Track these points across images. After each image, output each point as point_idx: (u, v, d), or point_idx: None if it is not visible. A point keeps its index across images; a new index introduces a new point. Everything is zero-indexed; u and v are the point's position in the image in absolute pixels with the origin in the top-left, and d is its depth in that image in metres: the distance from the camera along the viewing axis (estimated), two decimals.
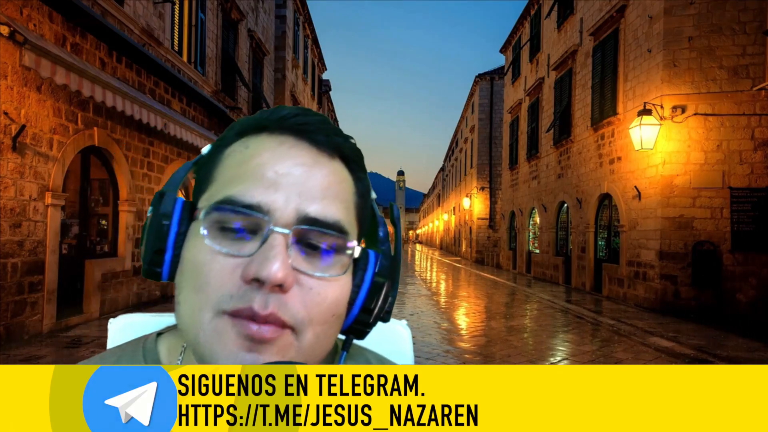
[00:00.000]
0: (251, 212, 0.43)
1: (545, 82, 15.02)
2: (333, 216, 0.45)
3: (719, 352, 5.87)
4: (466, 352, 6.07)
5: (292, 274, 0.42)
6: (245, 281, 0.42)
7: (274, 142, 0.46)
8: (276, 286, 0.41)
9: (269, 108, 0.48)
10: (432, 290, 13.41)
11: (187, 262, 0.45)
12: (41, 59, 5.02)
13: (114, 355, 0.54)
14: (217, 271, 0.42)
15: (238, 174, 0.44)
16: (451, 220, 38.27)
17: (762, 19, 8.23)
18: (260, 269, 0.41)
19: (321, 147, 0.47)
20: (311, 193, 0.44)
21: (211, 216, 0.43)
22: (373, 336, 0.72)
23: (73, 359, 4.99)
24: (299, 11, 19.66)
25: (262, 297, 0.41)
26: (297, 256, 0.44)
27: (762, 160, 8.27)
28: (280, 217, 0.43)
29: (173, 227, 0.46)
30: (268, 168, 0.44)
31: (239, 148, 0.47)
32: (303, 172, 0.44)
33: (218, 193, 0.44)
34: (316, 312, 0.44)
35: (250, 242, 0.43)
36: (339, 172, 0.47)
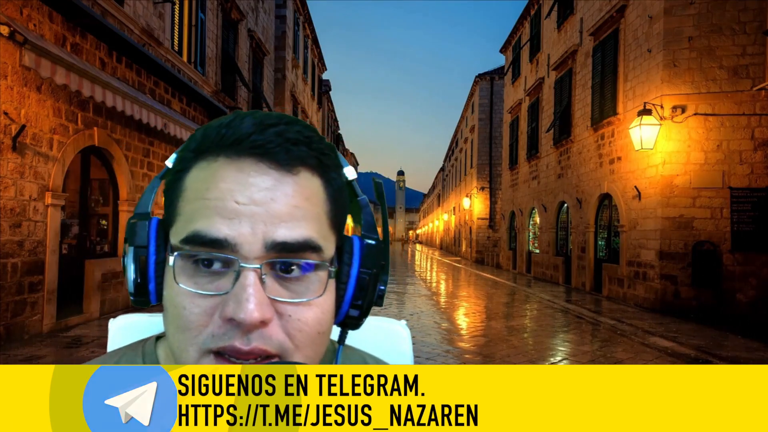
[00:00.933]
0: (219, 250, 0.42)
1: (545, 82, 15.02)
2: (302, 235, 0.43)
3: (719, 352, 5.87)
4: (466, 352, 6.07)
5: (269, 308, 0.42)
6: (224, 321, 0.42)
7: (232, 170, 0.44)
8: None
9: (256, 114, 0.46)
10: (432, 290, 13.41)
11: (167, 301, 0.45)
12: (41, 59, 5.02)
13: (113, 358, 0.54)
14: (196, 314, 0.42)
15: (200, 207, 0.43)
16: (451, 220, 38.26)
17: (762, 19, 8.22)
18: (236, 311, 0.41)
19: (282, 165, 0.44)
20: (276, 217, 0.43)
21: (181, 257, 0.43)
22: (373, 336, 0.73)
23: (73, 359, 4.99)
24: (299, 11, 19.66)
25: (243, 334, 0.42)
26: (272, 285, 0.43)
27: (762, 160, 8.27)
28: (249, 251, 0.42)
29: (151, 257, 0.45)
30: (228, 200, 0.43)
31: (200, 175, 0.45)
32: (265, 198, 0.43)
33: (184, 228, 0.44)
34: (300, 338, 0.44)
35: (224, 277, 0.43)
36: (305, 186, 0.45)
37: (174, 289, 0.43)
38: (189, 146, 0.47)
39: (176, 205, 0.46)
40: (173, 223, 0.46)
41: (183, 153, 0.47)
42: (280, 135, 0.44)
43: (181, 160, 0.47)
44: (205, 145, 0.45)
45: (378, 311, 2.48)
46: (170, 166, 0.48)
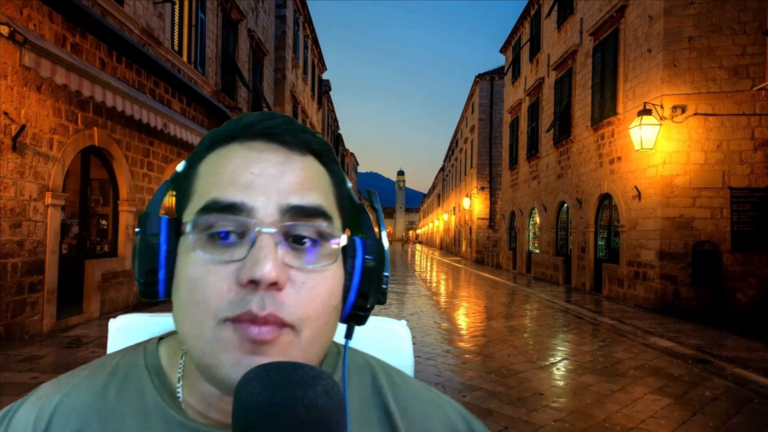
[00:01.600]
0: (235, 213, 0.44)
1: (545, 82, 15.01)
2: (314, 201, 0.46)
3: (719, 352, 5.86)
4: (466, 352, 6.06)
5: (284, 271, 0.43)
6: (241, 285, 0.42)
7: (244, 149, 0.47)
8: (271, 284, 0.42)
9: (263, 111, 0.49)
10: (432, 290, 13.40)
11: (182, 279, 0.45)
12: (41, 59, 5.02)
13: (114, 358, 0.54)
14: (213, 282, 0.43)
15: (215, 181, 0.45)
16: (451, 220, 38.25)
17: (762, 19, 8.22)
18: (253, 271, 0.41)
19: (291, 146, 0.48)
20: (289, 187, 0.45)
21: (198, 225, 0.44)
22: (373, 336, 0.73)
23: (73, 359, 4.99)
24: (299, 11, 19.66)
25: (258, 298, 0.42)
26: (286, 252, 0.44)
27: (762, 160, 8.27)
28: (264, 216, 0.44)
29: (162, 245, 0.47)
30: (243, 171, 0.45)
31: (212, 159, 0.48)
32: (277, 171, 0.46)
33: (200, 201, 0.45)
34: (311, 307, 0.45)
35: (239, 246, 0.44)
36: (312, 167, 0.49)
37: (190, 262, 0.44)
38: (200, 147, 0.50)
39: (190, 189, 0.48)
40: (187, 205, 0.47)
41: (194, 155, 0.50)
42: (289, 122, 0.48)
43: (193, 159, 0.50)
44: (216, 138, 0.49)
45: (378, 311, 2.48)
46: (180, 170, 0.50)
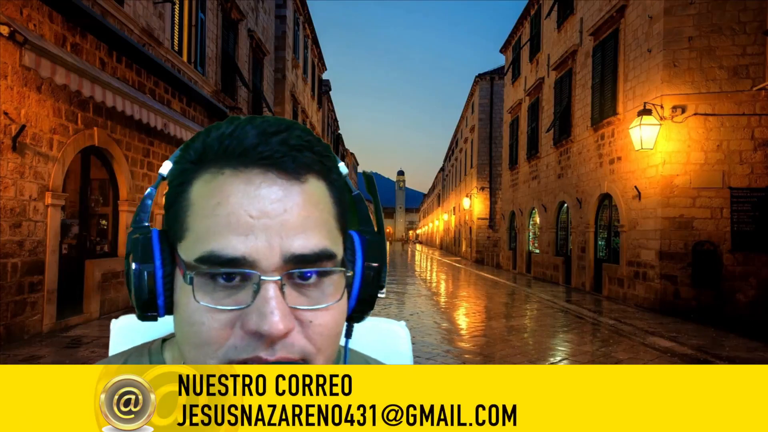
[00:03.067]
0: (237, 267, 0.42)
1: (545, 82, 15.02)
2: (317, 246, 0.44)
3: (719, 352, 5.87)
4: (466, 352, 6.07)
5: (291, 318, 0.43)
6: (247, 333, 0.42)
7: (240, 182, 0.43)
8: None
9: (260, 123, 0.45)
10: (432, 290, 13.41)
11: (183, 320, 0.44)
12: (41, 59, 5.02)
13: (119, 360, 0.55)
14: (216, 328, 0.42)
15: (213, 225, 0.43)
16: (451, 220, 38.26)
17: (762, 19, 8.23)
18: (260, 324, 0.41)
19: (290, 174, 0.44)
20: (291, 229, 0.43)
21: (197, 275, 0.43)
22: (372, 336, 0.73)
23: (73, 359, 4.99)
24: (299, 11, 19.66)
25: (267, 346, 0.42)
26: (291, 294, 0.43)
27: (762, 160, 8.27)
28: (267, 265, 0.42)
29: (158, 272, 0.45)
30: (241, 214, 0.42)
31: (206, 189, 0.44)
32: (278, 209, 0.43)
33: (197, 247, 0.43)
34: (321, 341, 0.45)
35: (243, 290, 0.43)
36: (314, 193, 0.45)
37: (191, 306, 0.43)
38: (188, 157, 0.46)
39: (184, 220, 0.45)
40: (182, 238, 0.45)
41: (183, 164, 0.47)
42: (285, 143, 0.44)
43: (182, 172, 0.46)
44: (207, 156, 0.45)
45: (378, 311, 2.49)
46: (164, 174, 0.48)
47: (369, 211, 0.54)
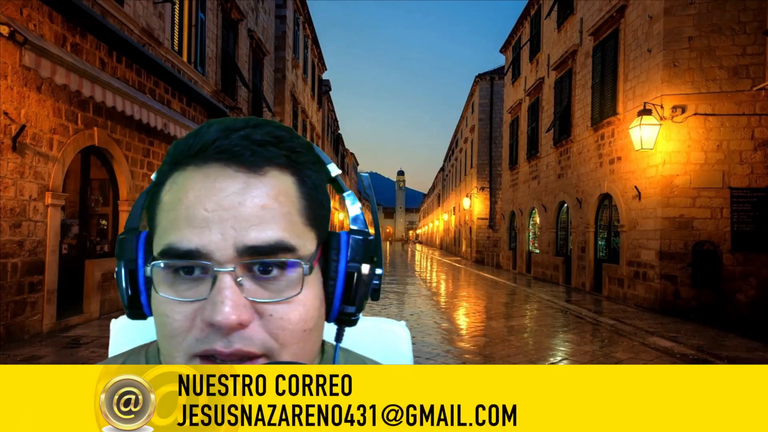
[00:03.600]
0: (192, 258, 0.43)
1: (545, 82, 15.02)
2: (272, 237, 0.44)
3: (719, 352, 5.87)
4: (466, 352, 6.07)
5: (247, 309, 0.43)
6: (205, 325, 0.43)
7: (200, 177, 0.45)
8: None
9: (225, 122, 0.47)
10: (432, 290, 13.41)
11: (154, 311, 0.46)
12: (41, 59, 5.02)
13: (117, 361, 0.55)
14: (178, 320, 0.43)
15: (173, 219, 0.44)
16: (451, 220, 38.27)
17: (762, 19, 8.22)
18: (213, 314, 0.42)
19: (249, 167, 0.45)
20: (245, 221, 0.43)
21: (159, 268, 0.44)
22: (372, 337, 0.73)
23: (73, 359, 4.99)
24: (299, 11, 19.66)
25: (223, 337, 0.42)
26: (250, 286, 0.44)
27: (762, 160, 8.27)
28: (221, 257, 0.43)
29: (140, 269, 0.47)
30: (197, 207, 0.43)
31: (172, 187, 0.46)
32: (233, 202, 0.43)
33: (160, 241, 0.45)
34: (283, 336, 0.45)
35: (203, 283, 0.44)
36: (274, 186, 0.45)
37: (156, 298, 0.45)
38: (166, 159, 0.48)
39: (155, 217, 0.47)
40: (153, 234, 0.47)
41: (162, 166, 0.49)
42: (246, 138, 0.45)
43: (160, 173, 0.48)
44: (176, 157, 0.47)
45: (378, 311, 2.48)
46: (153, 181, 0.50)
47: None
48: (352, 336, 0.64)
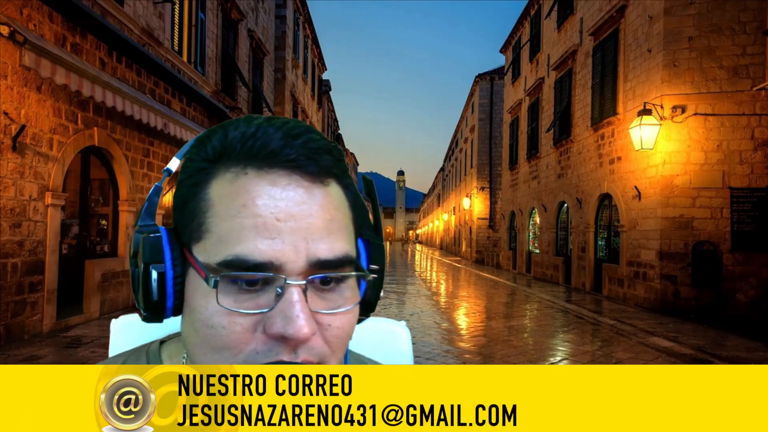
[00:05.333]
0: (263, 271, 0.42)
1: (545, 82, 15.02)
2: (341, 251, 0.44)
3: (719, 352, 5.87)
4: (466, 352, 6.07)
5: (313, 322, 0.43)
6: (270, 337, 0.42)
7: (265, 183, 0.43)
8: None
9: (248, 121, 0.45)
10: (432, 290, 13.41)
11: (200, 321, 0.43)
12: (41, 59, 5.02)
13: (117, 361, 0.55)
14: (237, 332, 0.42)
15: (237, 227, 0.42)
16: (451, 220, 38.27)
17: (762, 19, 8.23)
18: (285, 327, 0.41)
19: (313, 177, 0.44)
20: (316, 232, 0.43)
21: (221, 279, 0.42)
22: (373, 337, 0.73)
23: (73, 359, 4.99)
24: (299, 11, 19.66)
25: (291, 349, 0.42)
26: (313, 298, 0.43)
27: (762, 160, 8.27)
28: (292, 269, 0.42)
29: (168, 273, 0.44)
30: (267, 216, 0.42)
31: (228, 189, 0.43)
32: (303, 212, 0.43)
33: (220, 249, 0.42)
34: (336, 344, 0.45)
35: (265, 293, 0.42)
36: (335, 197, 0.46)
37: (210, 309, 0.42)
38: (204, 155, 0.45)
39: (203, 221, 0.44)
40: (200, 239, 0.44)
41: (198, 162, 0.45)
42: (306, 146, 0.44)
43: (197, 171, 0.45)
44: (228, 155, 0.44)
45: (378, 311, 2.45)
46: (173, 170, 0.47)
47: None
48: (353, 336, 0.64)
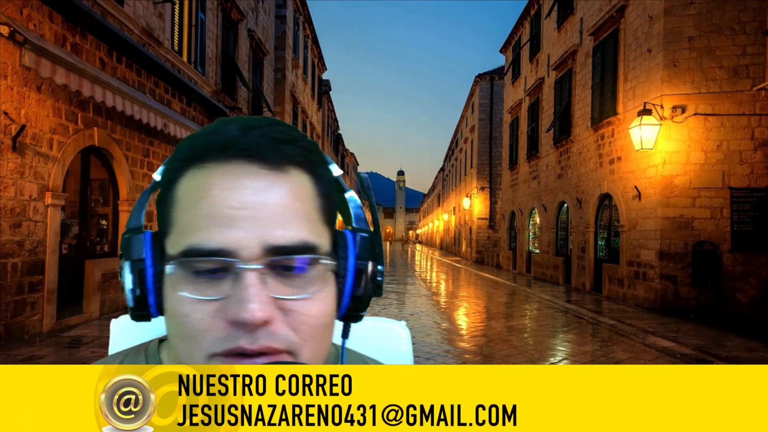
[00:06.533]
0: (217, 256, 0.42)
1: (545, 82, 15.02)
2: (297, 237, 0.44)
3: (719, 352, 5.87)
4: (466, 352, 6.07)
5: (271, 307, 0.43)
6: (229, 323, 0.42)
7: (221, 174, 0.44)
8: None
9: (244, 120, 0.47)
10: (432, 290, 13.41)
11: (169, 312, 0.45)
12: (41, 59, 5.02)
13: (115, 360, 0.55)
14: (199, 319, 0.43)
15: (194, 218, 0.44)
16: (451, 220, 38.27)
17: (762, 19, 8.22)
18: (239, 312, 0.41)
19: (272, 165, 0.45)
20: (271, 219, 0.43)
21: (180, 267, 0.44)
22: (373, 337, 0.73)
23: (73, 359, 4.99)
24: (299, 11, 19.66)
25: (249, 334, 0.42)
26: (274, 283, 0.44)
27: (762, 160, 8.27)
28: (247, 255, 0.42)
29: (148, 269, 0.46)
30: (221, 205, 0.43)
31: (189, 181, 0.45)
32: (258, 200, 0.43)
33: (180, 241, 0.44)
34: (306, 332, 0.45)
35: (225, 281, 0.43)
36: (295, 184, 0.46)
37: (175, 297, 0.44)
38: (177, 156, 0.47)
39: (170, 216, 0.46)
40: (168, 233, 0.46)
41: (171, 164, 0.48)
42: (266, 135, 0.45)
43: (170, 171, 0.47)
44: (193, 153, 0.46)
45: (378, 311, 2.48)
46: (158, 179, 0.49)
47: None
48: (353, 336, 0.64)
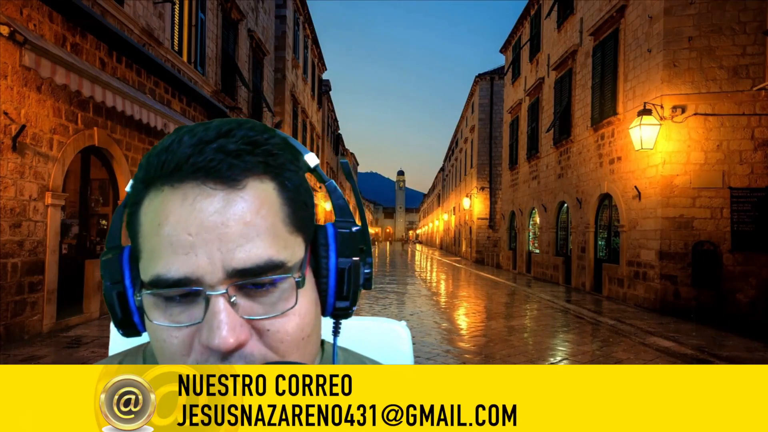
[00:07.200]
0: (182, 286, 0.42)
1: (545, 82, 15.02)
2: (260, 257, 0.42)
3: (719, 352, 5.87)
4: (466, 352, 6.07)
5: (243, 329, 0.43)
6: (203, 347, 0.43)
7: (178, 198, 0.42)
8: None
9: (176, 132, 0.45)
10: (432, 290, 13.41)
11: (149, 334, 0.46)
12: (41, 59, 5.02)
13: (114, 360, 0.55)
14: (176, 344, 0.43)
15: (157, 245, 0.43)
16: (451, 220, 38.26)
17: (762, 19, 8.22)
18: (210, 338, 0.41)
19: (226, 181, 0.42)
20: (232, 241, 0.42)
21: (149, 298, 0.44)
22: (373, 337, 0.73)
23: (73, 359, 4.99)
24: (299, 11, 19.66)
25: (223, 358, 0.43)
26: (245, 303, 0.43)
27: (762, 160, 8.27)
28: (211, 280, 0.42)
29: (128, 290, 0.46)
30: (180, 233, 0.42)
31: (149, 207, 0.44)
32: (215, 222, 0.42)
33: (147, 269, 0.43)
34: (283, 348, 0.45)
35: (196, 305, 0.43)
36: (255, 198, 0.43)
37: (151, 325, 0.44)
38: (138, 176, 0.46)
39: (137, 240, 0.45)
40: (139, 258, 0.45)
41: (135, 184, 0.46)
42: (220, 150, 0.42)
43: (135, 192, 0.46)
44: (149, 175, 0.44)
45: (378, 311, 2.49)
46: (129, 191, 0.48)
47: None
48: (353, 336, 0.64)
